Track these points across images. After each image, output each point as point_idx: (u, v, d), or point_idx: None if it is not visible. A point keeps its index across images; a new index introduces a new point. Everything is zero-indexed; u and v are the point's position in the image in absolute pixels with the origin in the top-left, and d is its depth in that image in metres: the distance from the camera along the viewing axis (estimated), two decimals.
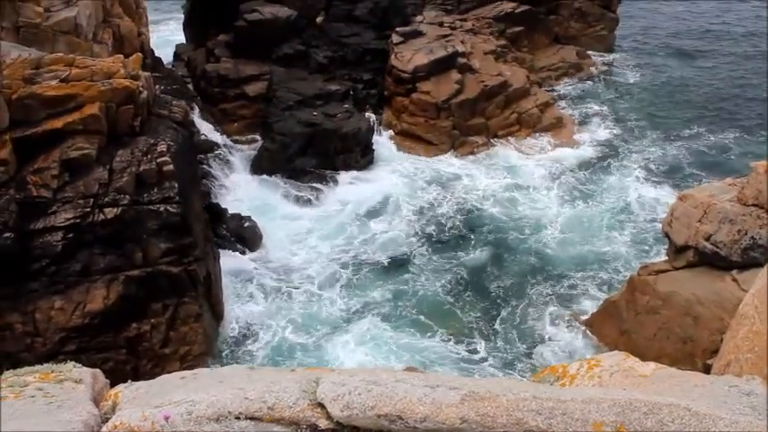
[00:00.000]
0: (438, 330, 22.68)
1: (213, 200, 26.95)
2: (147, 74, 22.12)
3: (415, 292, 24.63)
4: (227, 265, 24.49)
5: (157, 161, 19.49)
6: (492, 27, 40.97)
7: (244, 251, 25.95)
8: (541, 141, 35.08)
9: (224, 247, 24.98)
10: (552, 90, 41.00)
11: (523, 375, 19.98)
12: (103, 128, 19.35)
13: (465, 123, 34.31)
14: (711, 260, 17.93)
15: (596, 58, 46.25)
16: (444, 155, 33.67)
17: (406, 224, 28.68)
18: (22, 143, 18.49)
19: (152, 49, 31.82)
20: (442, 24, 38.92)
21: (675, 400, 3.79)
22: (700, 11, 60.20)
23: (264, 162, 30.68)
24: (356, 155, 32.10)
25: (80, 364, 4.79)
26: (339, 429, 3.67)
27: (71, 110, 18.99)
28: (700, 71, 46.20)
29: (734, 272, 17.58)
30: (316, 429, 3.67)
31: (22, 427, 3.81)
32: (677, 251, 18.89)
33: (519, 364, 21.32)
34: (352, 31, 37.26)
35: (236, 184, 30.06)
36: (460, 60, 35.59)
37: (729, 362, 5.71)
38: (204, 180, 27.27)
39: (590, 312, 22.51)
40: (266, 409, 3.67)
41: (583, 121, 38.02)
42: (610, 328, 20.47)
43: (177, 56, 38.20)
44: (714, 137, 36.84)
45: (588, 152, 34.80)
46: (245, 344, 22.03)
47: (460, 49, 36.27)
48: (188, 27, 39.60)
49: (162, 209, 19.30)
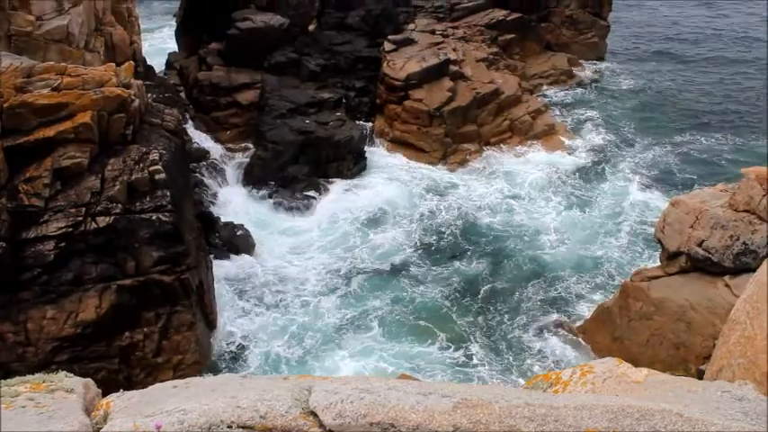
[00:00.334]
0: (433, 338, 22.66)
1: (206, 208, 26.91)
2: (140, 82, 22.09)
3: (411, 299, 24.62)
4: (220, 275, 24.46)
5: (150, 170, 19.44)
6: (484, 35, 41.15)
7: (237, 259, 25.91)
8: (534, 148, 35.16)
9: (217, 256, 24.94)
10: (544, 97, 41.14)
11: (517, 382, 19.96)
12: (95, 136, 19.30)
13: (457, 131, 34.37)
14: (704, 266, 17.98)
15: (588, 65, 46.53)
16: (438, 162, 33.71)
17: (402, 232, 28.69)
18: (14, 152, 18.43)
19: (144, 58, 31.87)
20: (433, 32, 39.08)
21: (668, 406, 3.79)
22: (690, 16, 60.61)
23: (257, 170, 30.67)
24: (349, 163, 32.12)
25: (72, 374, 4.76)
26: None
27: (63, 118, 18.94)
28: (691, 77, 46.48)
29: (726, 277, 17.63)
30: None
31: None
32: (670, 257, 18.93)
33: (512, 370, 21.30)
34: (345, 39, 37.36)
35: (228, 192, 30.05)
36: (452, 68, 35.69)
37: (722, 367, 5.73)
38: (197, 188, 27.24)
39: (586, 318, 22.52)
40: (258, 417, 3.66)
41: (575, 128, 38.17)
42: (603, 335, 20.48)
43: (169, 64, 38.23)
44: (706, 142, 37.07)
45: (581, 158, 34.92)
46: (238, 353, 21.96)
47: (452, 56, 36.38)
48: (180, 35, 39.64)
49: (154, 217, 19.25)
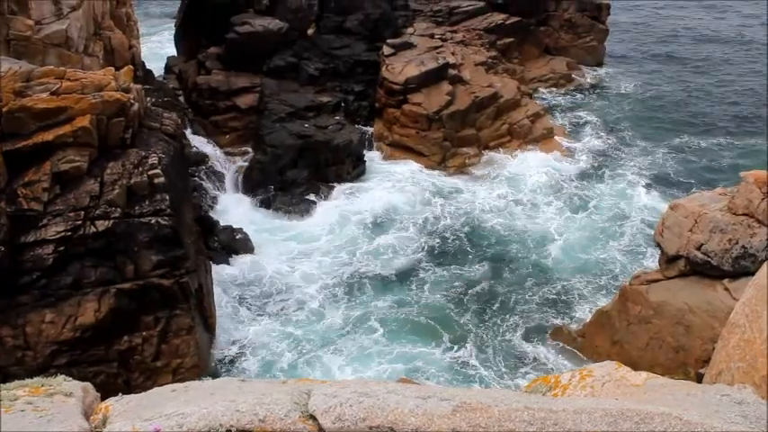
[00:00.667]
0: (434, 341, 22.64)
1: (205, 212, 26.90)
2: (139, 86, 22.08)
3: (412, 302, 24.60)
4: (220, 278, 24.43)
5: (149, 173, 19.43)
6: (483, 38, 41.20)
7: (236, 262, 25.90)
8: (533, 152, 35.16)
9: (216, 260, 24.92)
10: (543, 101, 41.18)
11: (516, 385, 19.95)
12: (94, 140, 19.29)
13: (456, 135, 34.38)
14: (703, 269, 17.96)
15: (586, 69, 46.57)
16: (437, 166, 33.71)
17: (403, 236, 28.66)
18: (13, 156, 18.41)
19: (143, 62, 31.87)
20: (432, 36, 39.10)
21: (667, 410, 3.79)
22: (689, 18, 60.68)
23: (256, 174, 30.66)
24: (348, 167, 32.12)
25: (71, 378, 4.76)
26: None
27: (62, 122, 18.91)
28: (690, 79, 46.55)
29: (725, 281, 17.59)
30: None
31: None
32: (669, 260, 18.91)
33: (512, 374, 21.28)
34: (343, 43, 37.38)
35: (227, 196, 30.04)
36: (451, 72, 35.71)
37: (721, 371, 5.73)
38: (196, 192, 27.23)
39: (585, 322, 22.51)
40: (257, 421, 3.66)
41: (574, 131, 38.21)
42: (602, 338, 20.45)
43: (168, 68, 38.24)
44: (705, 145, 37.11)
45: (581, 161, 34.93)
46: (237, 356, 21.94)
47: (451, 60, 36.41)
48: (179, 39, 39.66)
49: (153, 221, 19.24)
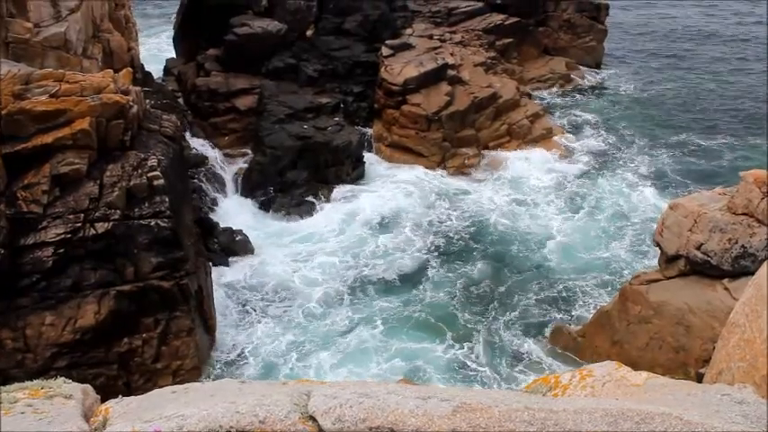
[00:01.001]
0: (434, 341, 22.64)
1: (204, 214, 26.89)
2: (138, 88, 22.09)
3: (414, 303, 24.61)
4: (220, 280, 24.42)
5: (148, 175, 19.44)
6: (481, 39, 41.20)
7: (236, 264, 25.90)
8: (533, 152, 35.15)
9: (216, 262, 24.91)
10: (542, 101, 41.19)
11: (516, 385, 19.94)
12: (94, 143, 19.29)
13: (455, 135, 34.39)
14: (702, 269, 17.95)
15: (585, 69, 46.58)
16: (436, 167, 33.72)
17: (403, 236, 28.66)
18: (12, 159, 18.42)
19: (142, 64, 31.86)
20: (431, 37, 39.11)
21: (668, 410, 3.79)
22: (688, 18, 60.70)
23: (255, 175, 30.65)
24: (347, 168, 32.12)
25: (70, 380, 4.76)
26: None
27: (61, 125, 18.92)
28: (689, 79, 46.58)
29: (725, 281, 17.59)
30: None
31: None
32: (668, 260, 18.91)
33: (512, 374, 21.28)
34: (342, 44, 37.37)
35: (226, 197, 30.03)
36: (450, 72, 35.71)
37: (721, 370, 5.72)
38: (195, 194, 27.22)
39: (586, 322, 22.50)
40: (257, 422, 3.65)
41: (574, 131, 38.21)
42: (602, 338, 20.44)
43: (167, 70, 38.25)
44: (705, 144, 37.12)
45: (580, 161, 34.94)
46: (237, 358, 21.93)
47: (450, 61, 36.42)
48: (178, 41, 39.66)
49: (153, 223, 19.24)
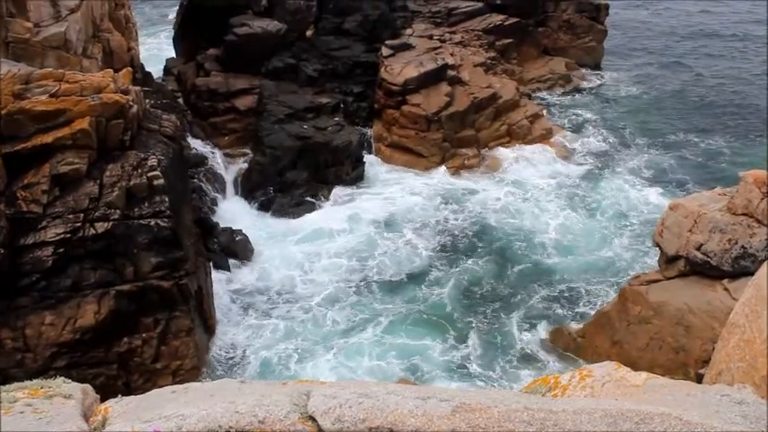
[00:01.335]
0: (434, 341, 22.67)
1: (204, 214, 26.88)
2: (137, 88, 22.09)
3: (415, 302, 24.65)
4: (220, 280, 24.41)
5: (148, 175, 19.44)
6: (481, 39, 41.17)
7: (236, 264, 25.89)
8: (533, 152, 35.13)
9: (216, 262, 24.90)
10: (542, 101, 41.17)
11: (516, 385, 19.93)
12: (93, 142, 19.30)
13: (455, 136, 34.37)
14: (702, 270, 17.96)
15: (585, 69, 46.55)
16: (436, 167, 33.71)
17: (404, 237, 28.65)
18: (12, 158, 18.42)
19: (142, 64, 31.85)
20: (431, 37, 39.08)
21: (667, 410, 3.79)
22: (687, 18, 60.66)
23: (255, 175, 30.65)
24: (347, 168, 32.10)
25: (70, 380, 4.76)
26: None
27: (61, 125, 18.92)
28: (689, 79, 46.55)
29: (725, 281, 17.60)
30: None
31: None
32: (668, 261, 18.92)
33: (512, 374, 21.28)
34: (342, 44, 37.35)
35: (226, 197, 30.02)
36: (450, 73, 35.69)
37: (721, 371, 5.72)
38: (195, 194, 27.21)
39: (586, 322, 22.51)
40: (257, 422, 3.65)
41: (574, 131, 38.18)
42: (602, 339, 20.45)
43: (167, 70, 38.21)
44: (704, 144, 37.11)
45: (580, 162, 34.95)
46: (237, 358, 21.92)
47: (450, 61, 36.39)
48: (178, 41, 39.62)
49: (153, 223, 19.25)
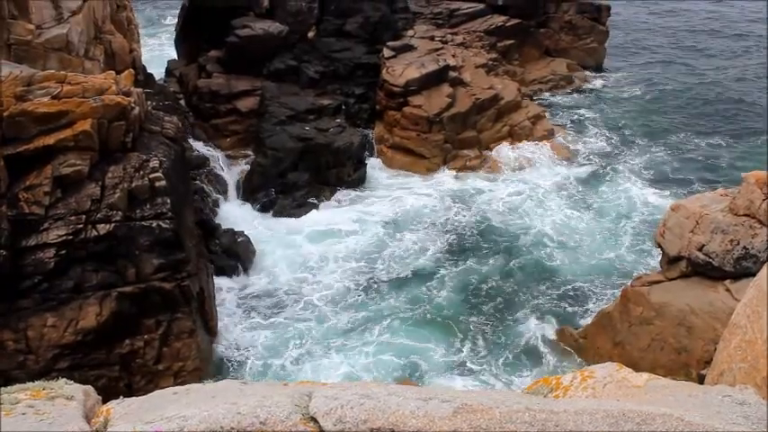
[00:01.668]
0: (435, 342, 22.64)
1: (206, 215, 26.89)
2: (139, 90, 22.10)
3: (417, 303, 24.60)
4: (221, 282, 24.42)
5: (150, 177, 19.45)
6: (483, 40, 41.21)
7: (240, 268, 25.90)
8: (534, 153, 35.13)
9: (217, 263, 24.91)
10: (544, 102, 41.18)
11: (518, 386, 19.93)
12: (95, 144, 19.31)
13: (457, 137, 34.38)
14: (704, 270, 17.95)
15: (587, 70, 46.57)
16: (438, 168, 33.71)
17: (405, 237, 28.65)
18: (14, 160, 18.43)
19: (144, 66, 31.90)
20: (433, 38, 39.10)
21: (669, 411, 3.79)
22: (688, 19, 60.66)
23: (257, 177, 30.67)
24: (349, 169, 32.12)
25: (72, 381, 4.76)
26: None
27: (63, 126, 18.93)
28: (690, 79, 46.53)
29: (727, 282, 17.58)
30: None
31: None
32: (670, 262, 18.90)
33: (513, 375, 21.28)
34: (344, 46, 37.37)
35: (228, 199, 30.03)
36: (452, 74, 35.70)
37: (723, 371, 5.72)
38: (197, 196, 27.23)
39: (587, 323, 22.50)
40: (258, 423, 3.65)
41: (575, 132, 38.19)
42: (603, 340, 20.44)
43: (169, 72, 38.28)
44: (706, 145, 37.09)
45: (582, 162, 34.95)
46: (239, 359, 21.94)
47: (452, 62, 36.40)
48: (180, 43, 39.66)
49: (155, 225, 19.25)
